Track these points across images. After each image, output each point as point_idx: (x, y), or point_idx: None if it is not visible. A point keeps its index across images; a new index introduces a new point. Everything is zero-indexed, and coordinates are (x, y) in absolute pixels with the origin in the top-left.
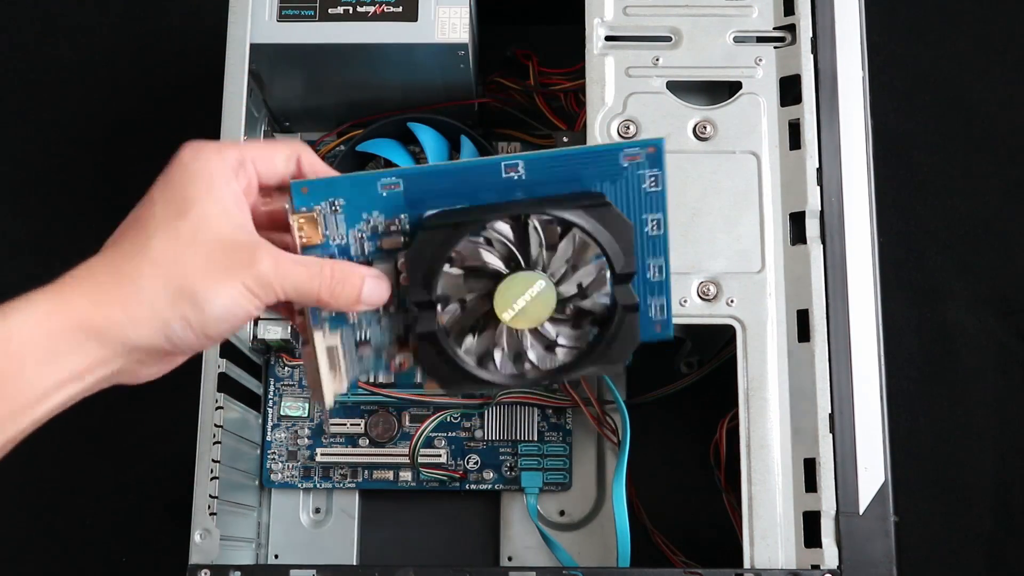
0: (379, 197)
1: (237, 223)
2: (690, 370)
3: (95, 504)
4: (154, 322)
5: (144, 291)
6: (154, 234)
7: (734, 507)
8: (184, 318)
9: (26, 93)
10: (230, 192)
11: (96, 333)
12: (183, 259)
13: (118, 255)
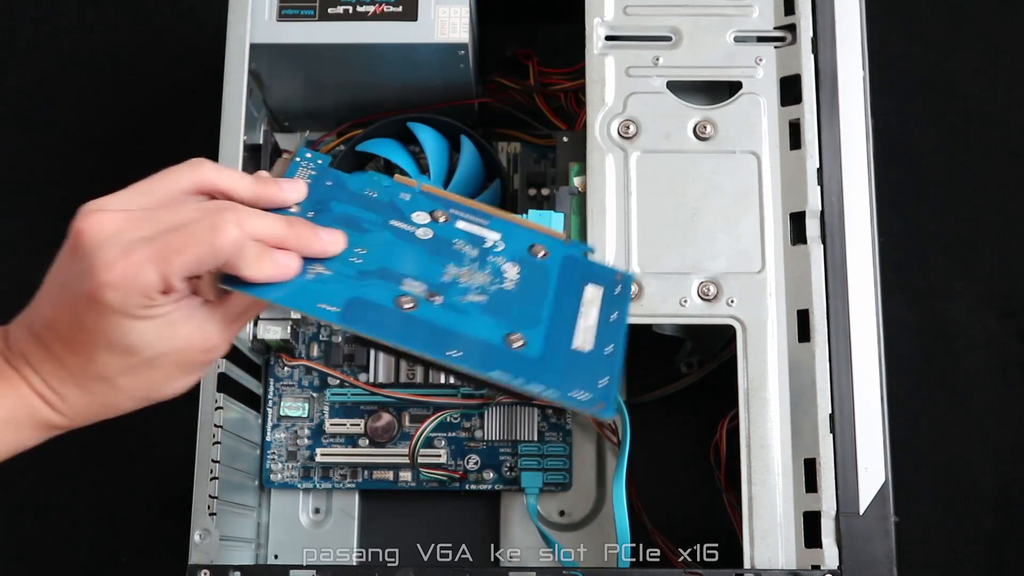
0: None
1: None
2: (690, 370)
3: (95, 504)
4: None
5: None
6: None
7: (734, 507)
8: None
9: (26, 93)
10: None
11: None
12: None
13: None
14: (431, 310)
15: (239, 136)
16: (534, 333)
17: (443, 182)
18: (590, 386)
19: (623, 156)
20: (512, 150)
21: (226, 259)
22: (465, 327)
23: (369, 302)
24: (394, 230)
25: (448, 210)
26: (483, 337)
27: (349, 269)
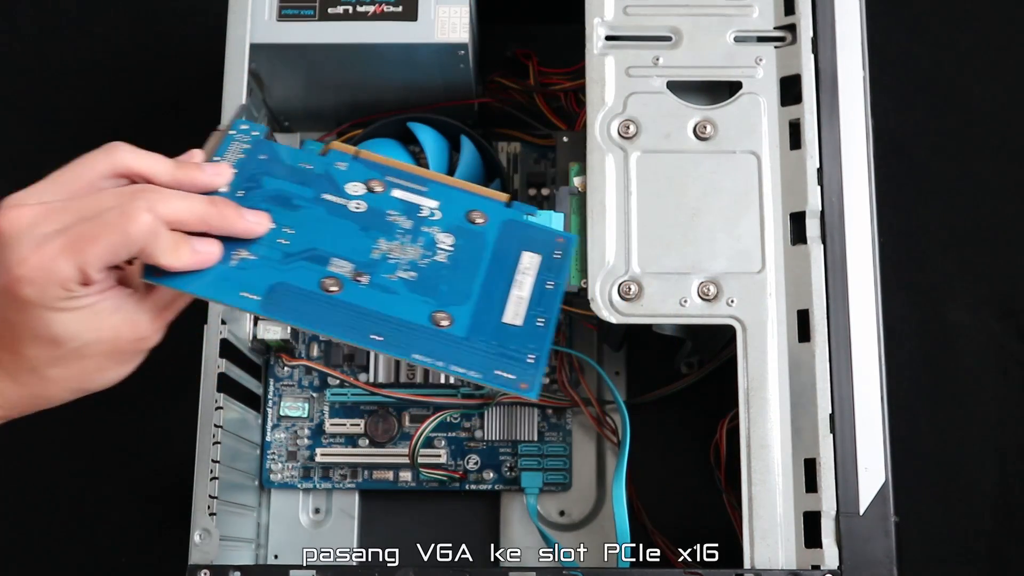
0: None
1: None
2: (690, 370)
3: (95, 504)
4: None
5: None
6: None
7: (734, 507)
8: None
9: (26, 93)
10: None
11: None
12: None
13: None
14: (356, 292)
15: None
16: (462, 310)
17: None
18: (515, 365)
19: (623, 156)
20: (512, 150)
21: (140, 247)
22: (390, 308)
23: (292, 287)
24: (327, 205)
25: (384, 178)
26: (407, 318)
27: (275, 252)
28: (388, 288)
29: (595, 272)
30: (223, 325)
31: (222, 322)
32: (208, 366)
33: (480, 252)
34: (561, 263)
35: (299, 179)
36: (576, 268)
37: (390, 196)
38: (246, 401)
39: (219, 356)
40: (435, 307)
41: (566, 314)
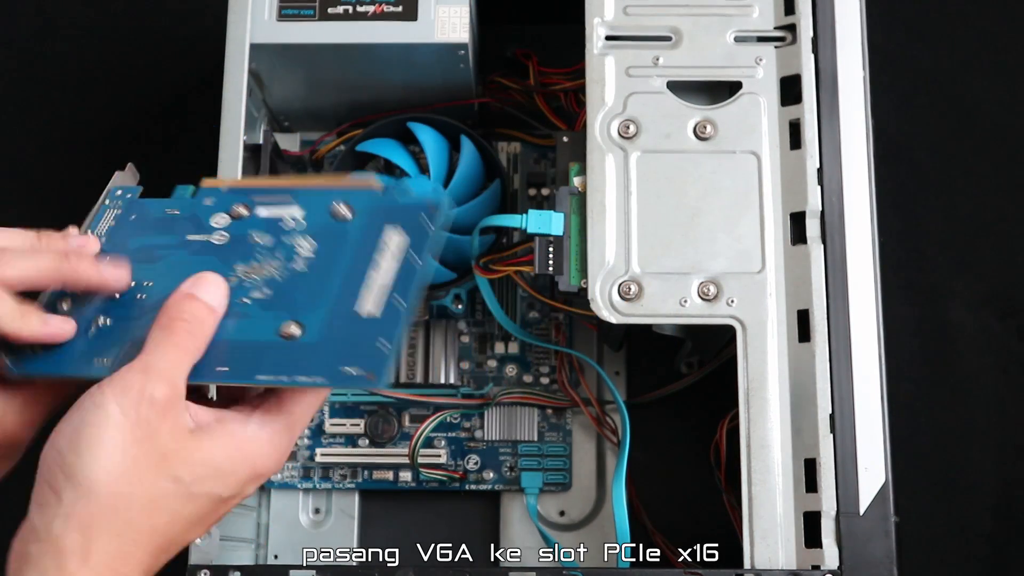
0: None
1: None
2: (690, 370)
3: None
4: None
5: None
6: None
7: (734, 507)
8: None
9: (26, 93)
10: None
11: None
12: None
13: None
14: None
15: (239, 136)
16: (315, 316)
17: (443, 182)
18: (363, 357)
19: (623, 156)
20: (512, 150)
21: None
22: (240, 333)
23: (142, 340)
24: (189, 246)
25: (249, 199)
26: (254, 338)
27: (133, 310)
28: (241, 313)
29: (595, 272)
30: None
31: None
32: None
33: (341, 248)
34: (424, 233)
35: (164, 228)
36: (576, 268)
37: (256, 217)
38: None
39: None
40: (286, 318)
41: (566, 314)
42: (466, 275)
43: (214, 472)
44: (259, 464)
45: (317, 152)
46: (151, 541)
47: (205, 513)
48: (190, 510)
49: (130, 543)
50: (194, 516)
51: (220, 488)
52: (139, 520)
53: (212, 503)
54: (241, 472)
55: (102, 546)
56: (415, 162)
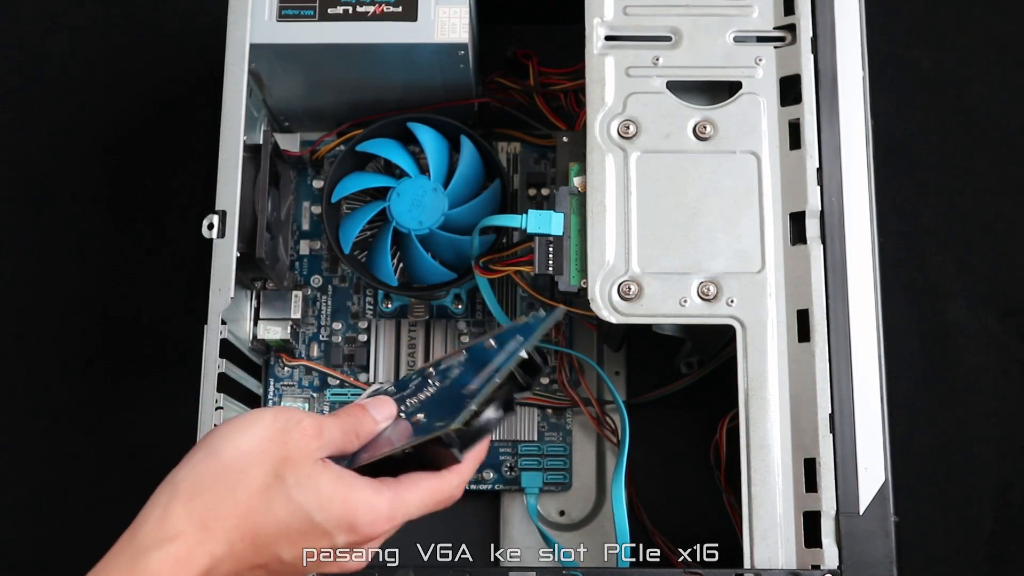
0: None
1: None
2: (690, 370)
3: (95, 505)
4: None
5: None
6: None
7: (734, 507)
8: None
9: (26, 93)
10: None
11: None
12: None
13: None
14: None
15: (239, 136)
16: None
17: (443, 182)
18: (454, 414)
19: (623, 156)
20: (512, 150)
21: None
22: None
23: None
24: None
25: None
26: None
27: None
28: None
29: (595, 272)
30: (223, 325)
31: (222, 322)
32: (208, 366)
33: (480, 364)
34: (532, 329)
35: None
36: (576, 268)
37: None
38: (246, 401)
39: (219, 356)
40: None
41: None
42: (466, 275)
43: (315, 493)
44: (357, 514)
45: (317, 152)
46: (243, 521)
47: (295, 529)
48: (283, 513)
49: (226, 508)
50: (285, 523)
51: (314, 509)
52: (240, 493)
53: (304, 521)
54: (337, 509)
55: (205, 499)
56: (415, 162)
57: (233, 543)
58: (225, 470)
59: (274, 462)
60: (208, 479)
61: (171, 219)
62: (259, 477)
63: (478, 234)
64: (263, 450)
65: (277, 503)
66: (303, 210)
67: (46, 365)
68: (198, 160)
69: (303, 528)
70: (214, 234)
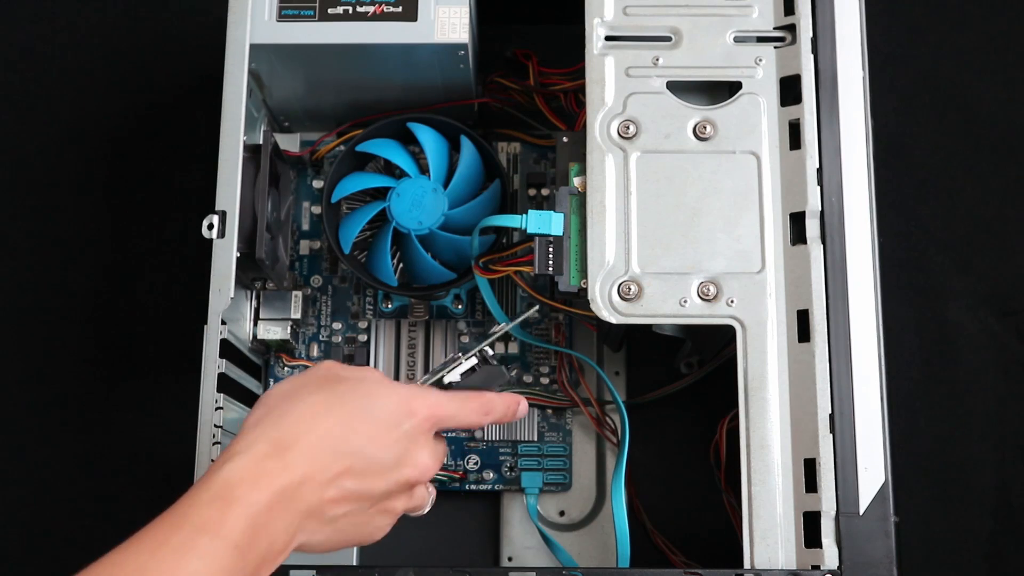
0: None
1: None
2: (690, 370)
3: (95, 504)
4: None
5: None
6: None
7: (734, 507)
8: None
9: (25, 94)
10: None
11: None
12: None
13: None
14: None
15: (239, 136)
16: None
17: (443, 182)
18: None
19: (623, 156)
20: (512, 150)
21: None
22: None
23: None
24: None
25: None
26: None
27: None
28: None
29: (595, 272)
30: (223, 325)
31: (222, 322)
32: (208, 366)
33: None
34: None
35: None
36: (576, 268)
37: None
38: (246, 401)
39: (219, 356)
40: None
41: (566, 314)
42: (466, 275)
43: (365, 393)
44: (410, 399)
45: (317, 152)
46: (312, 427)
47: (361, 422)
48: (344, 412)
49: (292, 422)
50: (349, 417)
51: (372, 406)
52: (301, 405)
53: (366, 413)
54: (392, 400)
55: (274, 417)
56: (415, 162)
57: (311, 457)
58: (277, 399)
59: (318, 380)
60: (269, 407)
61: (171, 219)
62: (315, 391)
63: (478, 234)
64: (302, 378)
65: (337, 408)
66: (303, 210)
67: (46, 365)
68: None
69: (368, 419)
70: (214, 234)
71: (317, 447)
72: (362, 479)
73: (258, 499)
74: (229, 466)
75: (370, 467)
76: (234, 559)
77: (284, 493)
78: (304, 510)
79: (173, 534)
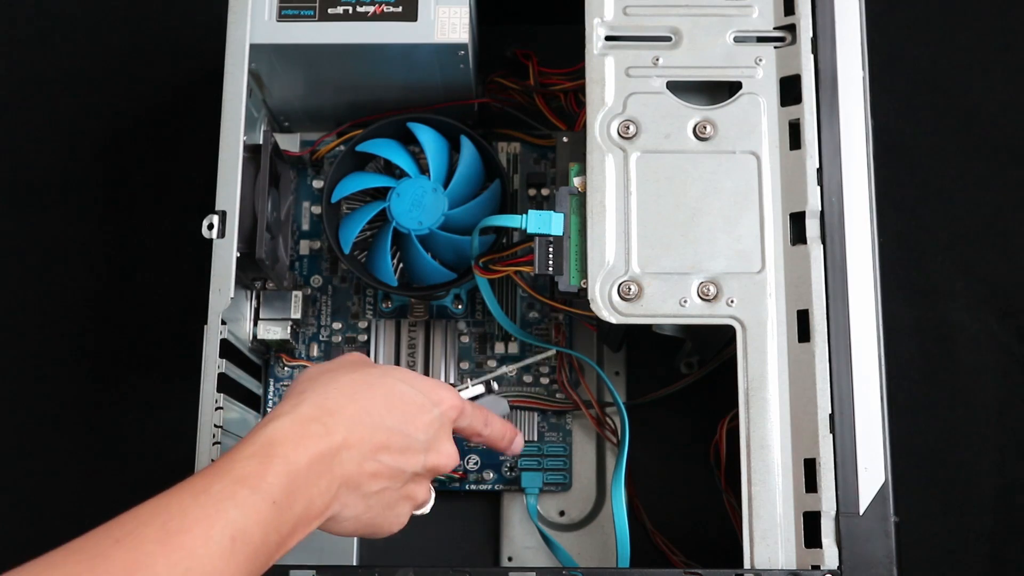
0: None
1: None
2: (690, 370)
3: (95, 504)
4: None
5: None
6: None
7: (734, 507)
8: None
9: (26, 94)
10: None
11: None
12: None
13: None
14: None
15: (239, 136)
16: None
17: (443, 182)
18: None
19: (623, 156)
20: (512, 150)
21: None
22: None
23: None
24: None
25: None
26: None
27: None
28: None
29: (595, 272)
30: (223, 325)
31: (222, 322)
32: (208, 366)
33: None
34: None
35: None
36: (576, 268)
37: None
38: (246, 401)
39: (219, 356)
40: None
41: (566, 314)
42: (466, 275)
43: (402, 376)
44: (438, 390)
45: (317, 152)
46: (356, 405)
47: (399, 400)
48: (383, 390)
49: (339, 398)
50: (387, 395)
51: (409, 387)
52: (344, 384)
53: (402, 393)
54: (425, 385)
55: (318, 392)
56: (415, 162)
57: (352, 426)
58: (316, 373)
59: (351, 364)
60: (311, 381)
61: (171, 219)
62: (352, 371)
63: (478, 234)
64: (336, 363)
65: (377, 386)
66: (303, 210)
67: (45, 365)
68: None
69: (403, 400)
70: (214, 234)
71: (359, 418)
72: (399, 455)
73: (298, 458)
74: (273, 424)
75: (407, 444)
76: (271, 514)
77: (325, 456)
78: (342, 476)
79: (215, 482)
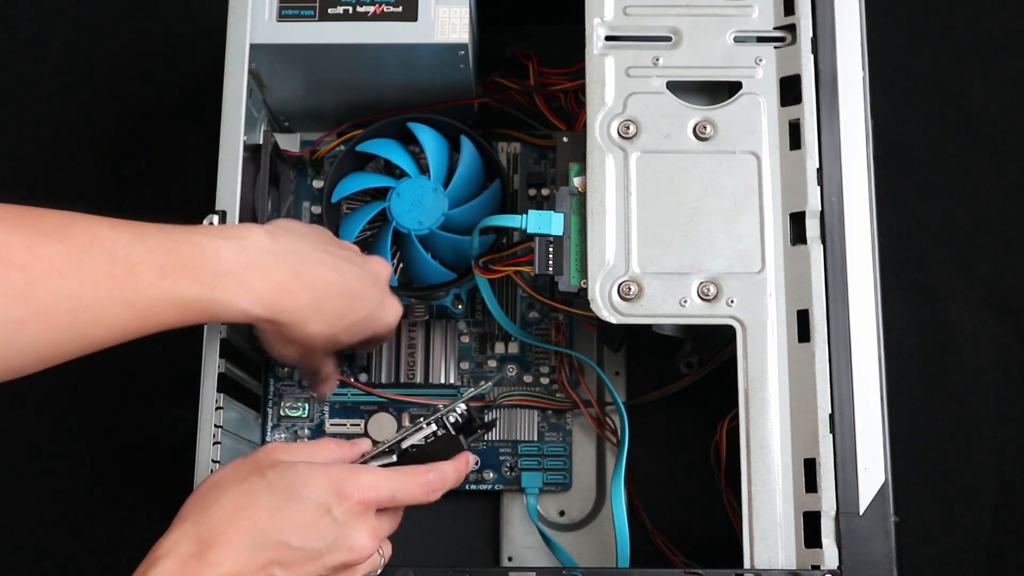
0: None
1: None
2: (690, 370)
3: (95, 504)
4: None
5: None
6: None
7: (734, 507)
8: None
9: (26, 94)
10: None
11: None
12: None
13: None
14: None
15: (239, 136)
16: None
17: (443, 182)
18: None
19: (623, 156)
20: (512, 150)
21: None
22: None
23: None
24: None
25: None
26: None
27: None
28: None
29: (595, 272)
30: (223, 325)
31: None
32: (208, 366)
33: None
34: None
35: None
36: (576, 268)
37: None
38: (246, 401)
39: (219, 356)
40: None
41: (566, 314)
42: (466, 275)
43: (294, 473)
44: (341, 480)
45: (317, 152)
46: (236, 520)
47: (287, 508)
48: (270, 499)
49: (215, 517)
50: (275, 506)
51: (298, 485)
52: (224, 499)
53: (291, 497)
54: (321, 480)
55: (197, 515)
56: (415, 162)
57: (234, 552)
58: (206, 489)
59: (249, 467)
60: (198, 498)
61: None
62: (244, 479)
63: (478, 234)
64: (236, 466)
65: (264, 497)
66: (303, 210)
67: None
68: (198, 160)
69: (296, 506)
70: None
71: (241, 541)
72: (290, 569)
73: None
74: (154, 572)
75: (297, 556)
76: None
77: None
78: None
79: None
